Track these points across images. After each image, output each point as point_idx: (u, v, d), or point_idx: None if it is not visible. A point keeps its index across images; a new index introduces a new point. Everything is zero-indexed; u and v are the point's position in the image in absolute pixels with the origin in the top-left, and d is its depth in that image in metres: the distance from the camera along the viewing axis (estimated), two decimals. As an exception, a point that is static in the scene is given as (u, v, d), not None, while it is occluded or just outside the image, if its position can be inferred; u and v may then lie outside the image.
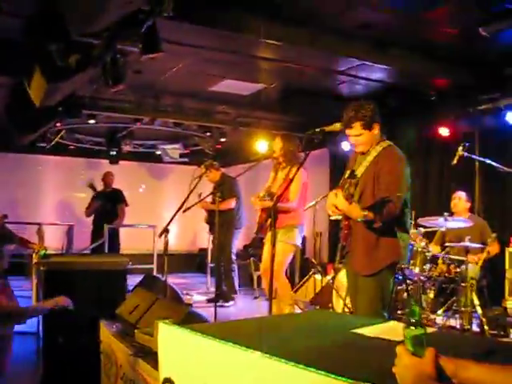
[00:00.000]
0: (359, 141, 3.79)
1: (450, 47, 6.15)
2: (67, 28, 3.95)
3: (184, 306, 4.74)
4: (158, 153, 11.92)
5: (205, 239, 13.08)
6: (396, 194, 3.54)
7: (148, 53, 4.37)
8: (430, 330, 1.82)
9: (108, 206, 9.10)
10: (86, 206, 9.49)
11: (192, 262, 12.84)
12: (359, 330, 2.32)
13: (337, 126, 3.84)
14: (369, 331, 2.31)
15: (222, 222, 6.42)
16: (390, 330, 2.44)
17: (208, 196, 6.76)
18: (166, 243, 5.81)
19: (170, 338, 2.17)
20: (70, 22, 3.63)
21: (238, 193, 7.79)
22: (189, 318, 3.68)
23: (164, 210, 12.24)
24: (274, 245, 3.59)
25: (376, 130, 3.77)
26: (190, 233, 13.21)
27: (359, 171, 3.69)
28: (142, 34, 4.26)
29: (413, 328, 1.47)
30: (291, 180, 4.37)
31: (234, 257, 7.89)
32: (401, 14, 5.27)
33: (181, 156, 11.64)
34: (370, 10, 5.08)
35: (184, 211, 5.68)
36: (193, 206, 6.02)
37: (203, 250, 12.98)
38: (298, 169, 4.45)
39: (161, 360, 2.21)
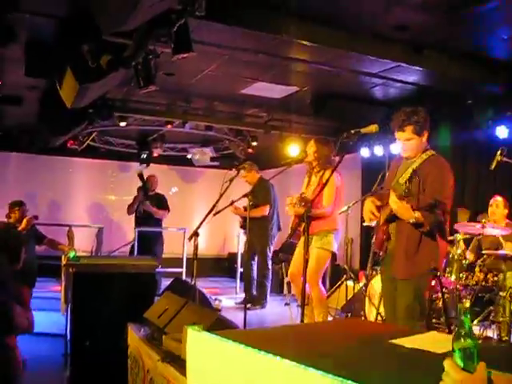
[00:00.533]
0: (409, 146, 3.81)
1: (488, 49, 5.99)
2: (99, 28, 3.94)
3: (213, 312, 4.67)
4: (189, 156, 11.90)
5: (234, 243, 13.05)
6: (443, 200, 3.58)
7: (179, 53, 4.31)
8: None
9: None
10: (125, 206, 9.42)
11: (221, 266, 12.79)
12: (398, 341, 2.21)
13: (373, 127, 3.79)
14: (408, 342, 2.20)
15: (256, 228, 6.34)
16: (431, 341, 2.32)
17: (239, 199, 6.68)
18: (196, 247, 5.75)
19: (198, 344, 2.08)
20: (101, 22, 3.59)
21: (273, 199, 7.69)
22: (218, 324, 3.60)
23: (194, 214, 12.22)
24: (306, 251, 3.52)
25: (425, 138, 3.82)
26: (220, 237, 13.17)
27: (403, 178, 3.68)
28: (174, 33, 4.20)
29: (462, 340, 1.35)
30: (324, 184, 4.29)
31: (269, 262, 7.78)
32: (437, 15, 5.11)
33: (211, 160, 11.59)
34: (409, 11, 4.93)
35: (214, 214, 5.60)
36: (223, 209, 5.94)
37: (233, 255, 12.94)
38: (332, 173, 4.35)
39: (189, 366, 2.12)
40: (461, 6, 4.86)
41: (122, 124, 8.75)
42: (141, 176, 9.15)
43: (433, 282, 4.24)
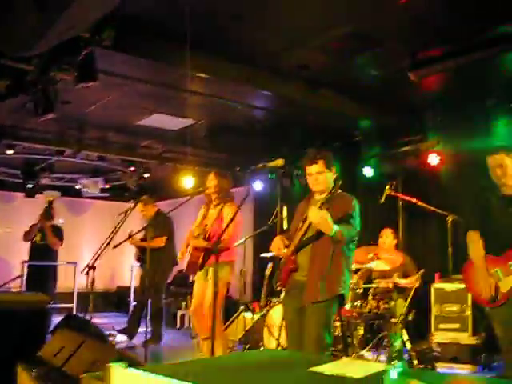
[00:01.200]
0: (321, 178, 3.96)
1: (376, 90, 6.39)
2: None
3: (113, 348, 4.53)
4: (78, 187, 11.52)
5: (124, 277, 12.73)
6: (353, 224, 3.85)
7: (83, 81, 4.22)
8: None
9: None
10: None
11: (110, 300, 12.38)
12: (316, 369, 2.26)
13: (279, 161, 3.90)
14: (327, 369, 2.25)
15: (154, 261, 6.24)
16: (348, 367, 2.40)
17: (138, 232, 6.56)
18: (93, 281, 5.60)
19: (124, 381, 2.01)
20: (4, 45, 3.45)
21: (172, 231, 7.61)
22: (121, 360, 3.50)
23: (83, 247, 11.82)
24: (216, 283, 3.54)
25: (334, 174, 4.03)
26: (108, 270, 12.78)
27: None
28: (79, 61, 4.12)
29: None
30: (232, 219, 4.32)
31: (163, 296, 7.66)
32: (333, 56, 5.42)
33: (101, 191, 11.29)
34: (307, 51, 5.19)
35: (114, 247, 5.48)
36: (123, 242, 5.81)
37: (122, 288, 12.60)
38: (239, 208, 4.40)
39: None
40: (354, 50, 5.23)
41: (9, 152, 8.33)
42: (50, 202, 8.70)
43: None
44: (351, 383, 2.03)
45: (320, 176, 3.95)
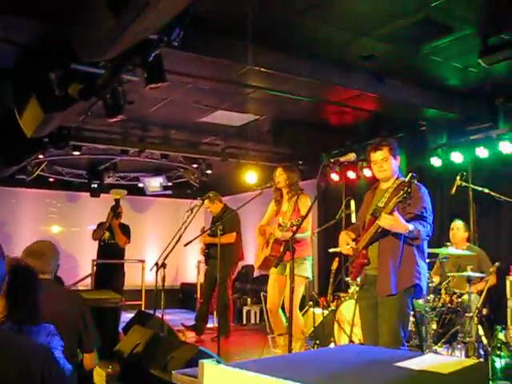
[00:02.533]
0: (385, 166, 4.00)
1: (444, 78, 6.29)
2: (66, 56, 3.92)
3: (191, 344, 4.63)
4: (140, 185, 11.81)
5: (187, 273, 12.96)
6: (428, 215, 3.83)
7: (153, 83, 4.32)
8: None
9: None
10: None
11: (175, 297, 12.63)
12: (403, 364, 2.27)
13: (351, 156, 3.91)
14: (414, 365, 2.26)
15: (223, 256, 6.33)
16: (434, 362, 2.40)
17: (210, 229, 6.69)
18: (163, 278, 5.74)
19: (217, 378, 2.07)
20: (80, 49, 3.59)
21: (239, 227, 7.70)
22: (200, 356, 3.59)
23: (147, 244, 12.11)
24: (293, 279, 3.60)
25: (398, 163, 4.05)
26: (172, 268, 13.03)
27: (381, 202, 3.86)
28: (148, 63, 4.21)
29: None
30: (310, 209, 4.37)
31: (229, 292, 7.76)
32: (400, 45, 5.37)
33: (164, 188, 11.54)
34: (373, 41, 5.16)
35: (185, 245, 5.61)
36: (195, 238, 5.93)
37: (186, 285, 12.84)
38: (315, 200, 4.46)
39: (208, 400, 2.10)
40: (422, 39, 5.16)
41: (76, 153, 8.62)
42: (117, 200, 8.95)
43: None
44: (442, 378, 2.04)
45: (385, 163, 3.98)
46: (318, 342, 6.12)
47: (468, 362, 2.92)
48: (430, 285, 5.74)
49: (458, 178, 6.12)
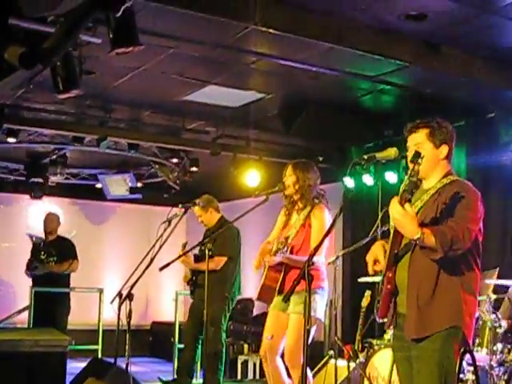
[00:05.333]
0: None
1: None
2: (16, 6, 3.96)
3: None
4: (99, 186, 11.87)
5: (161, 309, 13.01)
6: (463, 221, 3.66)
7: (121, 46, 4.39)
8: None
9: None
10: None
11: (143, 340, 12.67)
12: None
13: (392, 152, 3.91)
14: None
15: (213, 286, 6.33)
16: None
17: (196, 247, 6.67)
18: (129, 314, 5.75)
19: None
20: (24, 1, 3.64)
21: (238, 248, 7.66)
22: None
23: (107, 267, 12.16)
24: (309, 314, 3.62)
25: (443, 153, 3.92)
26: (141, 300, 13.09)
27: (416, 206, 3.80)
28: (115, 19, 4.28)
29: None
30: (329, 231, 4.38)
31: (224, 336, 7.72)
32: (463, 2, 5.40)
33: (131, 191, 11.59)
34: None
35: (161, 269, 5.64)
36: (173, 261, 5.93)
37: (159, 325, 12.89)
38: (337, 217, 4.44)
39: None
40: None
41: (11, 140, 8.67)
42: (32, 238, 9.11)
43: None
44: None
45: (421, 150, 3.80)
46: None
47: None
48: (498, 330, 5.77)
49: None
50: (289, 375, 5.72)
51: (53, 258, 8.80)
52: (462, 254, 3.66)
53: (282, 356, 5.68)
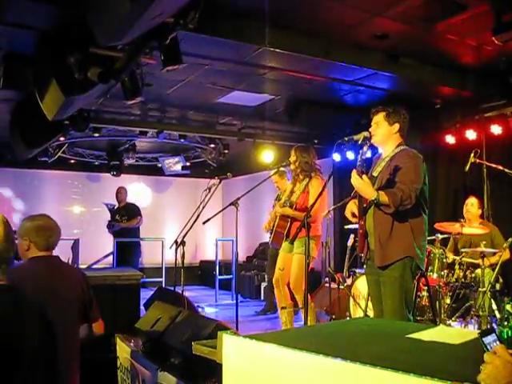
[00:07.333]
0: (377, 130, 4.03)
1: (459, 56, 6.25)
2: (85, 40, 3.98)
3: (209, 319, 4.72)
4: (159, 165, 11.92)
5: (206, 251, 13.10)
6: (410, 184, 3.70)
7: (170, 65, 4.37)
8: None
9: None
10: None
11: (194, 274, 12.78)
12: (414, 336, 2.31)
13: (365, 133, 3.91)
14: (425, 336, 2.30)
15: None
16: (445, 334, 2.45)
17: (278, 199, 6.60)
18: (183, 255, 5.82)
19: (235, 348, 2.15)
20: (98, 34, 3.64)
21: None
22: (218, 329, 3.66)
23: (167, 223, 12.24)
24: (308, 254, 3.65)
25: (395, 129, 4.02)
26: (191, 245, 13.19)
27: (376, 171, 3.92)
28: (164, 46, 4.26)
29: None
30: (320, 194, 4.42)
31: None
32: (414, 24, 5.34)
33: (182, 168, 11.63)
34: (386, 20, 5.15)
35: (204, 223, 5.68)
36: (213, 216, 5.91)
37: (205, 263, 12.99)
38: (325, 186, 4.49)
39: (226, 370, 2.18)
40: (436, 17, 5.13)
41: (96, 135, 8.72)
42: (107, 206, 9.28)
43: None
44: (451, 349, 2.08)
45: (377, 128, 4.01)
46: (333, 316, 6.20)
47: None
48: (445, 260, 5.78)
49: (472, 155, 6.11)
50: (292, 299, 5.81)
51: (124, 217, 8.97)
52: (397, 206, 3.68)
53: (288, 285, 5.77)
